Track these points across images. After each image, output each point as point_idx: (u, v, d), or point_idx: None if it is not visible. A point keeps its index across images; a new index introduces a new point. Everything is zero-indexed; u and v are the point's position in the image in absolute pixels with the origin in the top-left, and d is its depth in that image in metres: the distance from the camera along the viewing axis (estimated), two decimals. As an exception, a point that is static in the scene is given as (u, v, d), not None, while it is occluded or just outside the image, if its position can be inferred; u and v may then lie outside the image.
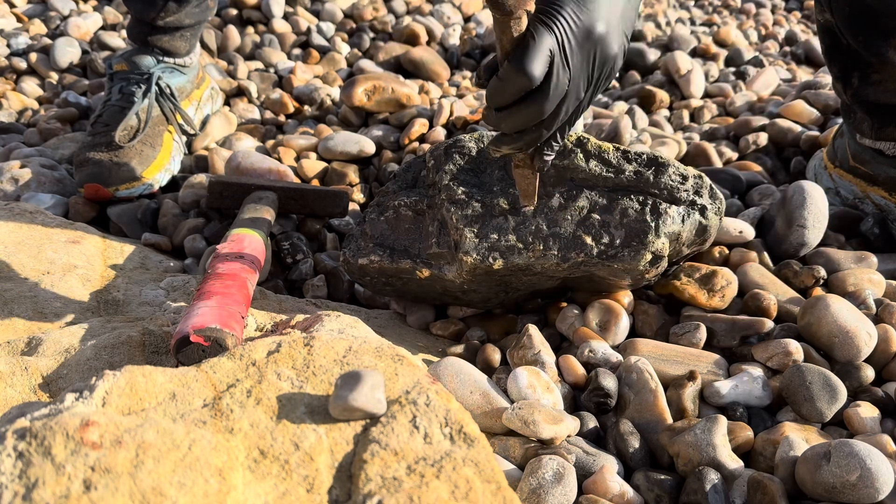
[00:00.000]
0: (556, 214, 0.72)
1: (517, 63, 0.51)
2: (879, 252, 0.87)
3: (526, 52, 0.51)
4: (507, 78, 0.52)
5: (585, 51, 0.54)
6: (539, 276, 0.74)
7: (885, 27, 0.82)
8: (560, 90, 0.54)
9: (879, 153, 0.92)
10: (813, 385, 0.64)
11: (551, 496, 0.54)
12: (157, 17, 1.12)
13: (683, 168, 0.73)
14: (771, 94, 1.42)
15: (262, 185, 0.98)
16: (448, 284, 0.76)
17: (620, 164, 0.73)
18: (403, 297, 0.84)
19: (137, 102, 1.09)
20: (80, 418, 0.41)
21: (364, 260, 0.77)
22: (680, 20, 1.93)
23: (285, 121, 1.34)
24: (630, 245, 0.70)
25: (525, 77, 0.52)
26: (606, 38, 0.55)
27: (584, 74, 0.55)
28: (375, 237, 0.78)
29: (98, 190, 1.01)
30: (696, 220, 0.72)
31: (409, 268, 0.75)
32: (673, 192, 0.72)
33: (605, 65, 0.56)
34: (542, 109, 0.54)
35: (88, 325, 0.67)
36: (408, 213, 0.78)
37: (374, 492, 0.42)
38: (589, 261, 0.70)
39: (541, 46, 0.51)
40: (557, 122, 0.57)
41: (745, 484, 0.57)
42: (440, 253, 0.74)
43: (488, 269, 0.71)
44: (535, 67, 0.51)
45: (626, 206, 0.71)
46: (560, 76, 0.53)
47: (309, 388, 0.51)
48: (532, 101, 0.54)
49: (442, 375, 0.64)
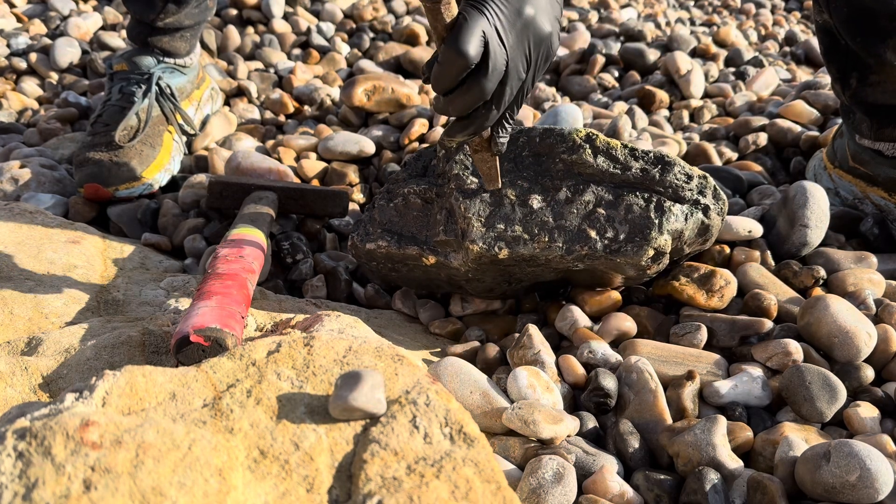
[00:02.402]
0: (562, 208, 0.73)
1: (453, 44, 0.53)
2: (879, 252, 0.87)
3: (460, 33, 0.53)
4: (445, 60, 0.54)
5: (518, 30, 0.57)
6: (542, 268, 0.75)
7: (883, 28, 0.82)
8: (499, 69, 0.56)
9: (879, 154, 0.92)
10: (813, 385, 0.64)
11: (551, 496, 0.54)
12: (156, 18, 1.12)
13: (689, 168, 0.74)
14: (771, 94, 1.42)
15: (262, 185, 0.98)
16: (453, 272, 0.77)
17: (627, 161, 0.74)
18: (408, 283, 0.86)
19: (137, 102, 1.09)
20: (80, 418, 0.41)
21: (372, 245, 0.79)
22: (680, 20, 1.93)
23: (285, 121, 1.34)
24: (633, 240, 0.70)
25: (462, 56, 0.53)
26: (536, 19, 0.57)
27: (522, 54, 0.58)
28: (384, 223, 0.80)
29: (98, 190, 1.01)
30: (699, 219, 0.73)
31: (416, 254, 0.77)
32: (678, 191, 0.73)
33: (540, 44, 0.59)
34: (484, 88, 0.56)
35: (88, 325, 0.67)
36: (416, 201, 0.80)
37: (374, 492, 0.42)
38: (593, 254, 0.71)
39: (473, 27, 0.54)
40: (503, 103, 0.59)
41: (744, 484, 0.57)
42: (447, 241, 0.75)
43: (493, 259, 0.72)
44: (469, 46, 0.53)
45: (631, 203, 0.72)
46: (497, 55, 0.55)
47: (309, 388, 0.51)
48: (473, 81, 0.55)
49: (442, 375, 0.64)
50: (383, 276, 0.85)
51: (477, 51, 0.54)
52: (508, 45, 0.56)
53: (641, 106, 1.37)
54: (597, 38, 1.69)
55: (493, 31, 0.55)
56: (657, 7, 2.02)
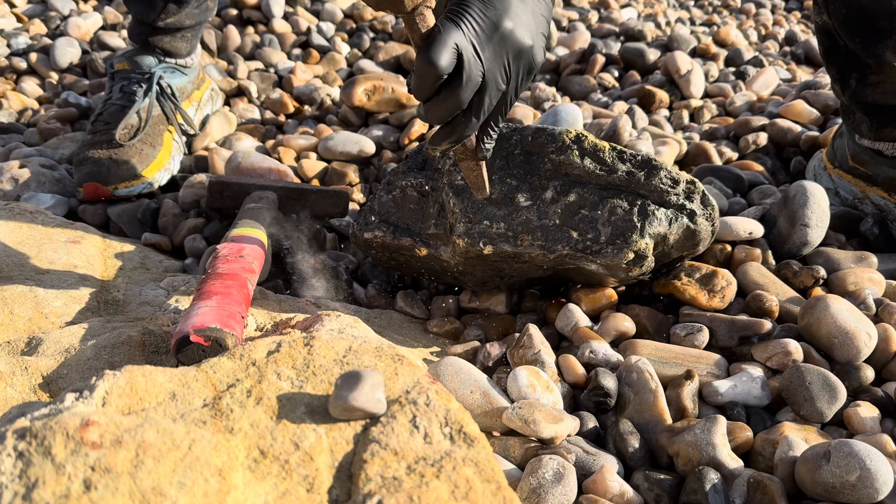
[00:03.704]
0: (547, 207, 0.74)
1: (425, 55, 0.55)
2: (879, 252, 0.87)
3: (432, 44, 0.55)
4: (419, 70, 0.56)
5: (495, 43, 0.58)
6: (528, 265, 0.75)
7: (881, 29, 0.82)
8: (473, 79, 0.57)
9: (878, 154, 0.92)
10: (813, 385, 0.64)
11: (551, 496, 0.54)
12: (157, 18, 1.12)
13: (676, 172, 0.74)
14: (771, 94, 1.42)
15: (262, 185, 0.98)
16: (444, 265, 0.79)
17: (614, 164, 0.74)
18: (407, 272, 0.88)
19: (138, 101, 1.09)
20: (80, 418, 0.41)
21: (369, 234, 0.82)
22: (680, 20, 1.93)
23: (285, 121, 1.34)
24: (614, 242, 0.71)
25: (433, 66, 0.55)
26: (515, 32, 0.58)
27: (500, 66, 0.59)
28: (381, 213, 0.83)
29: (97, 188, 1.01)
30: (684, 224, 0.73)
31: (409, 245, 0.79)
32: (662, 195, 0.73)
33: (520, 57, 0.60)
34: (460, 98, 0.57)
35: (88, 325, 0.67)
36: (413, 194, 0.81)
37: (374, 491, 0.42)
38: (573, 254, 0.72)
39: (446, 38, 0.55)
40: (483, 112, 0.60)
41: (744, 483, 0.57)
42: (437, 234, 0.77)
43: (479, 254, 0.74)
44: (440, 58, 0.55)
45: (615, 205, 0.72)
46: (471, 66, 0.57)
47: (309, 387, 0.51)
48: (449, 91, 0.57)
49: (442, 375, 0.64)
50: (383, 264, 0.88)
51: (449, 61, 0.55)
52: (485, 56, 0.57)
53: (641, 106, 1.37)
54: (597, 37, 1.69)
55: (467, 42, 0.56)
56: (657, 7, 2.02)
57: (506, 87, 0.60)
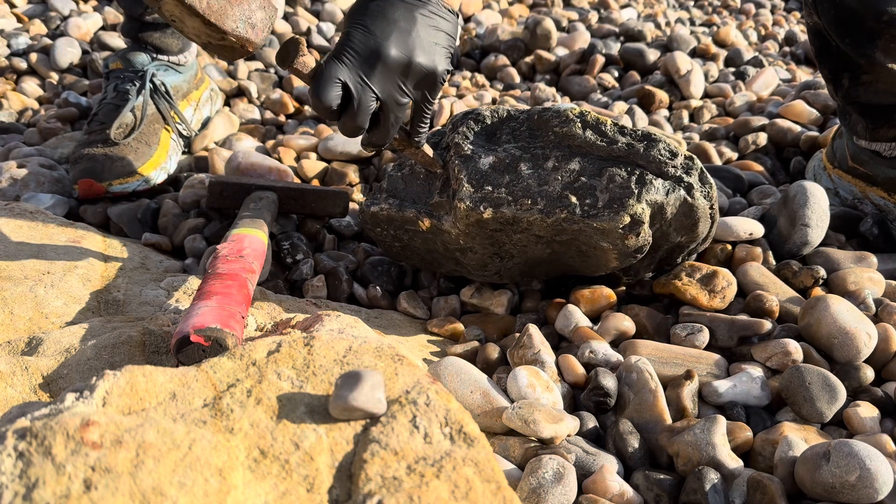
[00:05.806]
0: (548, 175, 0.76)
1: (313, 93, 0.62)
2: (879, 252, 0.87)
3: (317, 84, 0.61)
4: (313, 105, 0.63)
5: (381, 68, 0.62)
6: (527, 236, 0.77)
7: (870, 29, 0.82)
8: (365, 105, 0.63)
9: (877, 154, 0.92)
10: (812, 385, 0.64)
11: (551, 496, 0.54)
12: (144, 12, 1.12)
13: (675, 146, 0.75)
14: (770, 94, 1.42)
15: (262, 185, 0.98)
16: (446, 238, 0.81)
17: (615, 136, 0.76)
18: (410, 259, 0.90)
19: (132, 99, 1.09)
20: (80, 418, 0.41)
21: (376, 207, 0.85)
22: (680, 20, 1.93)
23: (285, 121, 1.34)
24: (611, 207, 0.72)
25: (321, 102, 0.61)
26: (400, 54, 0.63)
27: (393, 86, 0.64)
28: (390, 190, 0.86)
29: (91, 185, 1.00)
30: (681, 196, 0.73)
31: (413, 217, 0.82)
32: (660, 166, 0.74)
33: (411, 73, 0.64)
34: (356, 121, 0.63)
35: (89, 325, 0.67)
36: (420, 171, 0.84)
37: (374, 491, 0.42)
38: (571, 218, 0.72)
39: (327, 77, 0.61)
40: (391, 124, 0.66)
41: (744, 483, 0.57)
42: (440, 202, 0.80)
43: (479, 219, 0.75)
44: (325, 95, 0.61)
45: (614, 174, 0.74)
46: (361, 94, 0.62)
47: (309, 387, 0.51)
48: (346, 117, 0.63)
49: (442, 375, 0.64)
50: (388, 247, 0.90)
51: (335, 96, 0.61)
52: (374, 82, 0.62)
53: (641, 106, 1.37)
54: (597, 38, 1.69)
55: (352, 74, 0.62)
56: (657, 7, 2.02)
57: (409, 99, 0.66)
